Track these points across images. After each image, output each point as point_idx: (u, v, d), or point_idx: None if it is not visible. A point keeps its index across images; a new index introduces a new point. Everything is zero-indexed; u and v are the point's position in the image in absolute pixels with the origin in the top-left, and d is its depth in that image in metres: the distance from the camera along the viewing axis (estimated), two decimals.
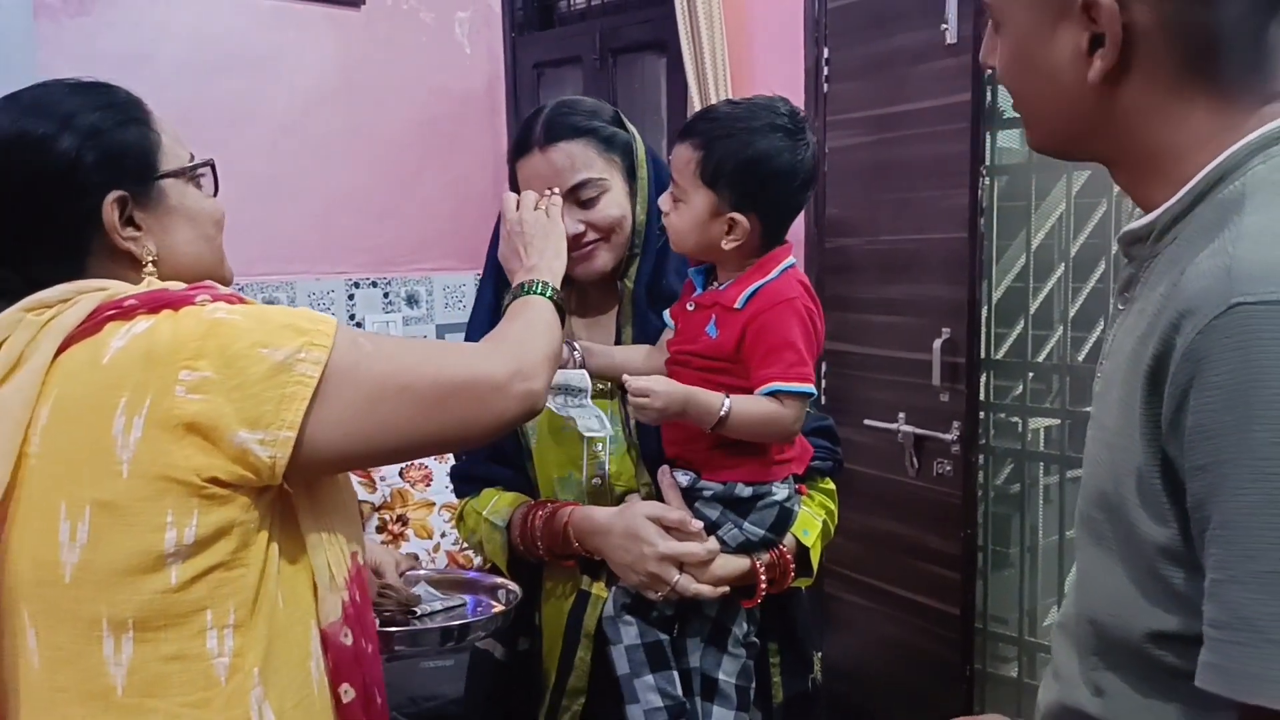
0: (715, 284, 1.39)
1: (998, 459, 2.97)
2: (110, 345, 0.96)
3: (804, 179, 1.34)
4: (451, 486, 1.61)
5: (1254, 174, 0.77)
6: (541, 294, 1.29)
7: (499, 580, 1.47)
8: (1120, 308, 0.88)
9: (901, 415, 2.60)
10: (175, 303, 0.99)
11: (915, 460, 2.59)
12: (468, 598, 1.47)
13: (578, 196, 1.41)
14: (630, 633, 1.36)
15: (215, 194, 1.16)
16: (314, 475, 1.04)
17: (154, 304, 0.99)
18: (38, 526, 0.95)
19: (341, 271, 3.38)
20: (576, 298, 1.54)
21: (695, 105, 2.88)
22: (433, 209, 3.56)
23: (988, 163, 2.53)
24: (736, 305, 1.34)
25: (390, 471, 3.08)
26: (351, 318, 3.40)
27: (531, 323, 1.23)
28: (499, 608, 1.42)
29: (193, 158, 1.13)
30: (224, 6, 3.12)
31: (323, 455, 1.00)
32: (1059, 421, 2.86)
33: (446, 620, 1.40)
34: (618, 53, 3.37)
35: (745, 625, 1.41)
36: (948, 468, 2.52)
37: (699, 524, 1.35)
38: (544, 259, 1.34)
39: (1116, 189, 2.10)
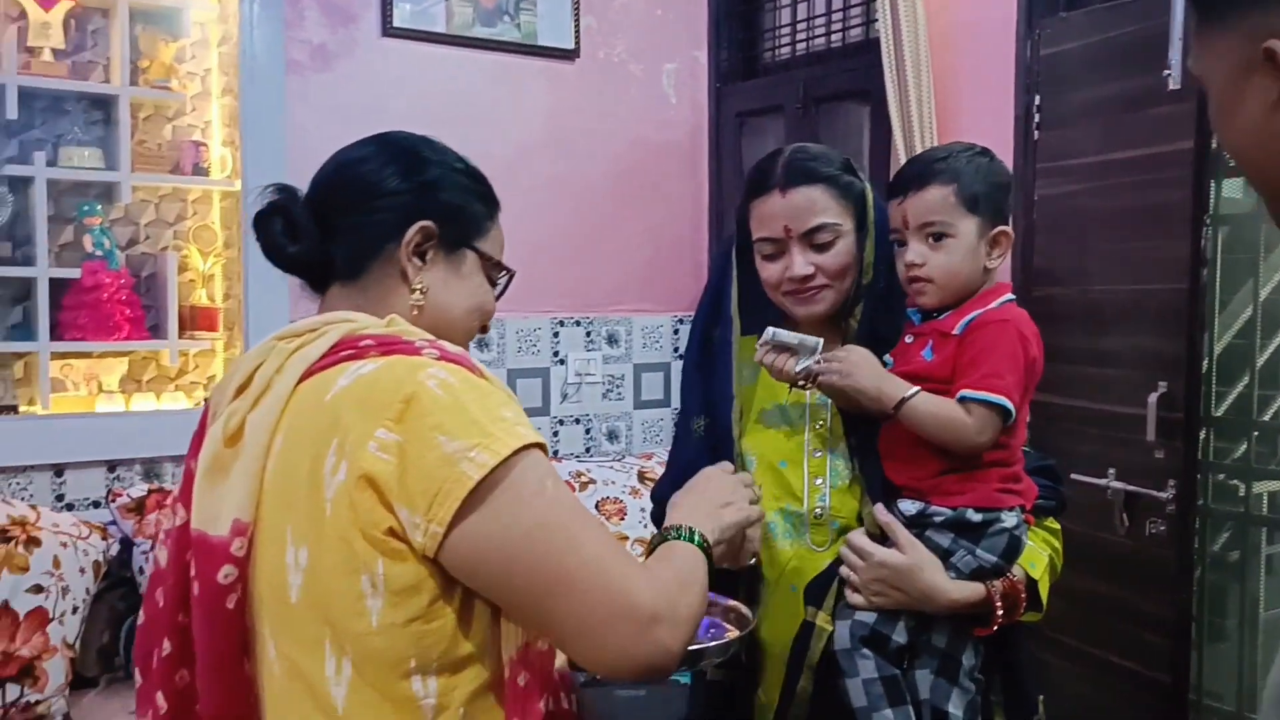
0: (935, 316, 1.43)
1: (1215, 522, 2.81)
2: (336, 383, 1.02)
3: None
4: (646, 521, 1.62)
5: None
6: (689, 539, 1.16)
7: (729, 602, 1.38)
8: None
9: (1111, 471, 2.51)
10: (406, 350, 1.04)
11: (1125, 518, 2.48)
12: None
13: (813, 240, 1.45)
14: (868, 666, 1.37)
15: (496, 299, 1.26)
16: (460, 577, 1.00)
17: (387, 346, 1.04)
18: (273, 546, 1.03)
19: (547, 310, 3.53)
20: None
21: (899, 152, 2.88)
22: (633, 254, 3.67)
23: (1211, 212, 2.43)
24: (955, 331, 1.38)
25: (589, 504, 3.17)
26: (555, 354, 3.54)
27: (689, 575, 1.10)
28: (732, 632, 1.33)
29: (504, 264, 1.25)
30: (450, 63, 3.34)
31: (459, 563, 0.98)
32: None
33: None
34: (820, 101, 3.40)
35: (974, 658, 1.40)
36: (1161, 527, 2.40)
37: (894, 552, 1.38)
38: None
39: None
